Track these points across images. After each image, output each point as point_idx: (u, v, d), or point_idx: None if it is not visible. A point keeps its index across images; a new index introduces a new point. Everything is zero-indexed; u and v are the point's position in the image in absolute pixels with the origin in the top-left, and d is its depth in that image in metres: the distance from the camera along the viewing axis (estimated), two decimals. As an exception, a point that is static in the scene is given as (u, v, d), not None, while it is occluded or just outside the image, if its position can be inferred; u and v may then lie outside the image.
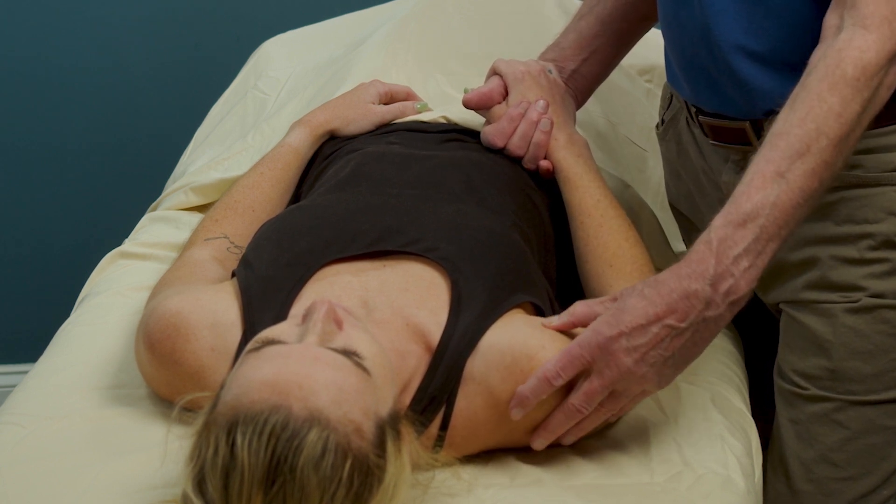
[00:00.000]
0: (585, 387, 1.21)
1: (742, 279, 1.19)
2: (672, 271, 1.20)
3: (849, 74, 1.20)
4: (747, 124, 1.40)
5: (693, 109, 1.49)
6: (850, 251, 1.37)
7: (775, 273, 1.44)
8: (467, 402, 1.23)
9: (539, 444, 1.25)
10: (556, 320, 1.26)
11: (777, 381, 1.46)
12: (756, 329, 1.60)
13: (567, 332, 1.26)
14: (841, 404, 1.40)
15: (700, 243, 1.20)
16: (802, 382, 1.42)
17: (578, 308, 1.25)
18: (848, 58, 1.20)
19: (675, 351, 1.20)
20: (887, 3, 1.21)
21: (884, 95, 1.23)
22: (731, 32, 1.36)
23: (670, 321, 1.18)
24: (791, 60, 1.30)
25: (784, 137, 1.20)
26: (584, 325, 1.23)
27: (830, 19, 1.24)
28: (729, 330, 1.57)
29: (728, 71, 1.38)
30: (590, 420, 1.24)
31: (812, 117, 1.20)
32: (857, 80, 1.20)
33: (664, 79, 1.61)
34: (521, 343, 1.23)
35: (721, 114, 1.44)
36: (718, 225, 1.19)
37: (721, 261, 1.18)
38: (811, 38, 1.27)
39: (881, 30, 1.20)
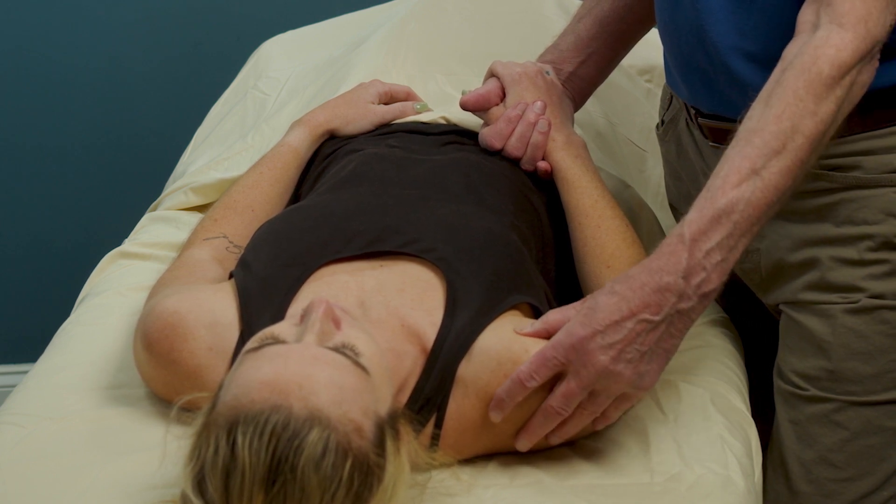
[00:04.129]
0: (563, 388, 1.20)
1: (714, 273, 1.19)
2: (643, 266, 1.20)
3: (825, 73, 1.20)
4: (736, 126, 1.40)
5: (692, 111, 1.49)
6: (850, 252, 1.37)
7: (775, 274, 1.44)
8: (457, 405, 1.23)
9: (523, 445, 1.25)
10: (529, 328, 1.25)
11: (777, 381, 1.46)
12: (756, 329, 1.59)
13: (545, 338, 1.25)
14: (840, 405, 1.40)
15: (672, 236, 1.20)
16: (802, 383, 1.42)
17: (551, 315, 1.25)
18: (824, 56, 1.20)
19: (651, 345, 1.19)
20: (863, 2, 1.21)
21: (857, 94, 1.24)
22: (725, 34, 1.36)
23: (645, 315, 1.18)
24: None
25: (759, 134, 1.20)
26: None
27: (806, 14, 1.24)
28: (729, 330, 1.57)
29: (725, 71, 1.38)
30: (573, 422, 1.23)
31: (788, 115, 1.20)
32: (832, 79, 1.20)
33: (664, 79, 1.61)
34: (506, 347, 1.23)
35: (720, 115, 1.44)
36: (692, 219, 1.19)
37: (693, 254, 1.18)
38: None
39: (857, 29, 1.21)
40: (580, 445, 1.29)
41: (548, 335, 1.23)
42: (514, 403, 1.21)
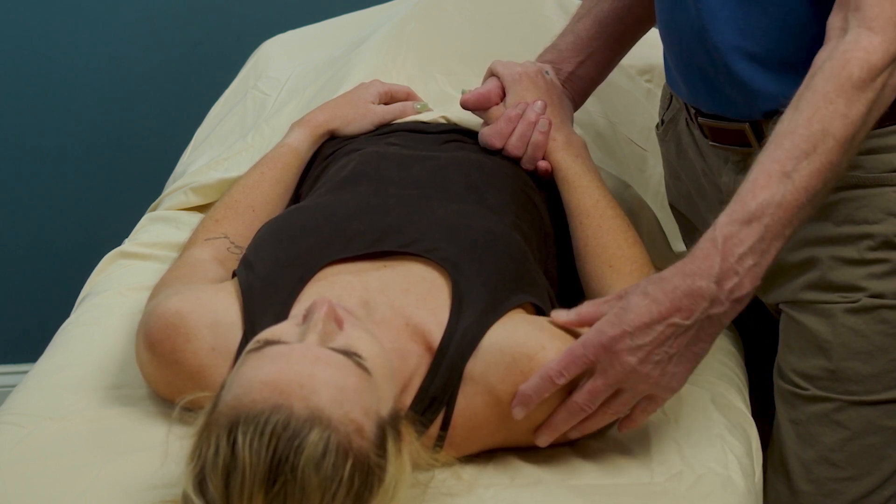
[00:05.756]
0: (589, 385, 1.21)
1: (746, 277, 1.19)
2: (676, 269, 1.20)
3: (855, 76, 1.20)
4: (747, 126, 1.41)
5: (692, 111, 1.49)
6: (850, 252, 1.37)
7: (775, 273, 1.44)
8: (467, 402, 1.23)
9: (543, 440, 1.25)
10: (563, 316, 1.26)
11: (777, 381, 1.46)
12: (756, 329, 1.60)
13: (570, 331, 1.26)
14: (840, 404, 1.40)
15: (705, 241, 1.20)
16: (802, 383, 1.42)
17: (584, 308, 1.25)
18: (854, 59, 1.20)
19: (680, 349, 1.20)
20: (892, 5, 1.21)
21: (888, 96, 1.24)
22: (727, 34, 1.36)
23: (676, 319, 1.19)
24: (790, 60, 1.30)
25: (790, 137, 1.20)
26: (590, 324, 1.23)
27: (834, 21, 1.24)
28: (729, 330, 1.57)
29: (727, 72, 1.38)
30: (595, 419, 1.24)
31: (818, 118, 1.20)
32: (863, 81, 1.20)
33: (664, 79, 1.61)
34: (521, 343, 1.23)
35: (720, 115, 1.44)
36: (723, 223, 1.20)
37: (726, 258, 1.18)
38: (808, 37, 1.27)
39: (886, 32, 1.21)
40: (580, 445, 1.29)
41: (579, 325, 1.24)
42: (540, 400, 1.21)
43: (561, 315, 1.26)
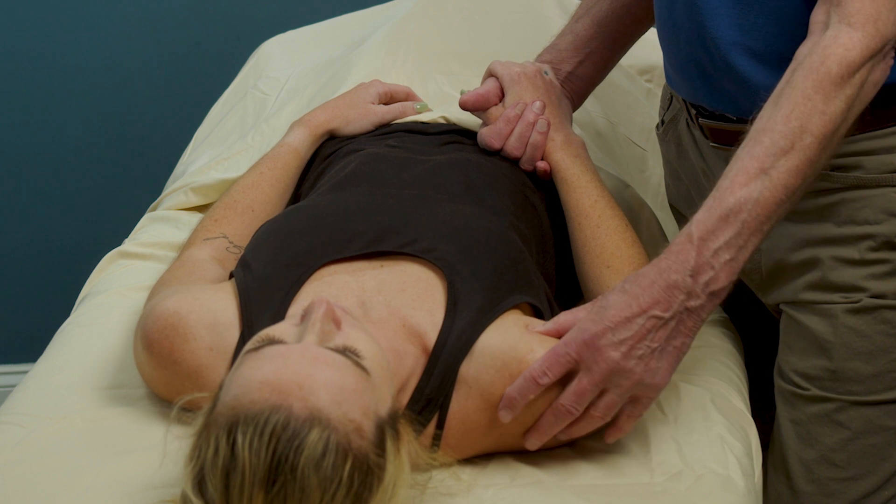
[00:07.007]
0: (574, 386, 1.21)
1: (722, 271, 1.20)
2: (652, 265, 1.21)
3: (833, 72, 1.20)
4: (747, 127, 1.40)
5: (693, 111, 1.49)
6: (851, 252, 1.37)
7: (776, 274, 1.44)
8: (460, 405, 1.23)
9: (532, 444, 1.25)
10: (540, 326, 1.26)
11: (777, 381, 1.46)
12: (756, 329, 1.60)
13: (556, 338, 1.25)
14: (841, 405, 1.40)
15: (681, 236, 1.21)
16: (803, 383, 1.42)
17: (563, 317, 1.25)
18: (833, 55, 1.20)
19: (662, 342, 1.20)
20: (872, 1, 1.21)
21: (869, 92, 1.24)
22: (726, 30, 1.36)
23: (655, 312, 1.19)
24: (788, 55, 1.30)
25: (768, 134, 1.21)
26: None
27: (817, 15, 1.25)
28: (729, 330, 1.57)
29: (727, 68, 1.38)
30: (583, 423, 1.23)
31: (796, 115, 1.20)
32: (841, 78, 1.20)
33: (664, 79, 1.61)
34: (511, 346, 1.23)
35: (721, 115, 1.44)
36: (700, 219, 1.20)
37: (702, 253, 1.19)
38: (806, 32, 1.27)
39: (866, 28, 1.21)
40: (580, 445, 1.29)
41: (559, 335, 1.24)
42: (525, 402, 1.21)
43: (538, 326, 1.26)
